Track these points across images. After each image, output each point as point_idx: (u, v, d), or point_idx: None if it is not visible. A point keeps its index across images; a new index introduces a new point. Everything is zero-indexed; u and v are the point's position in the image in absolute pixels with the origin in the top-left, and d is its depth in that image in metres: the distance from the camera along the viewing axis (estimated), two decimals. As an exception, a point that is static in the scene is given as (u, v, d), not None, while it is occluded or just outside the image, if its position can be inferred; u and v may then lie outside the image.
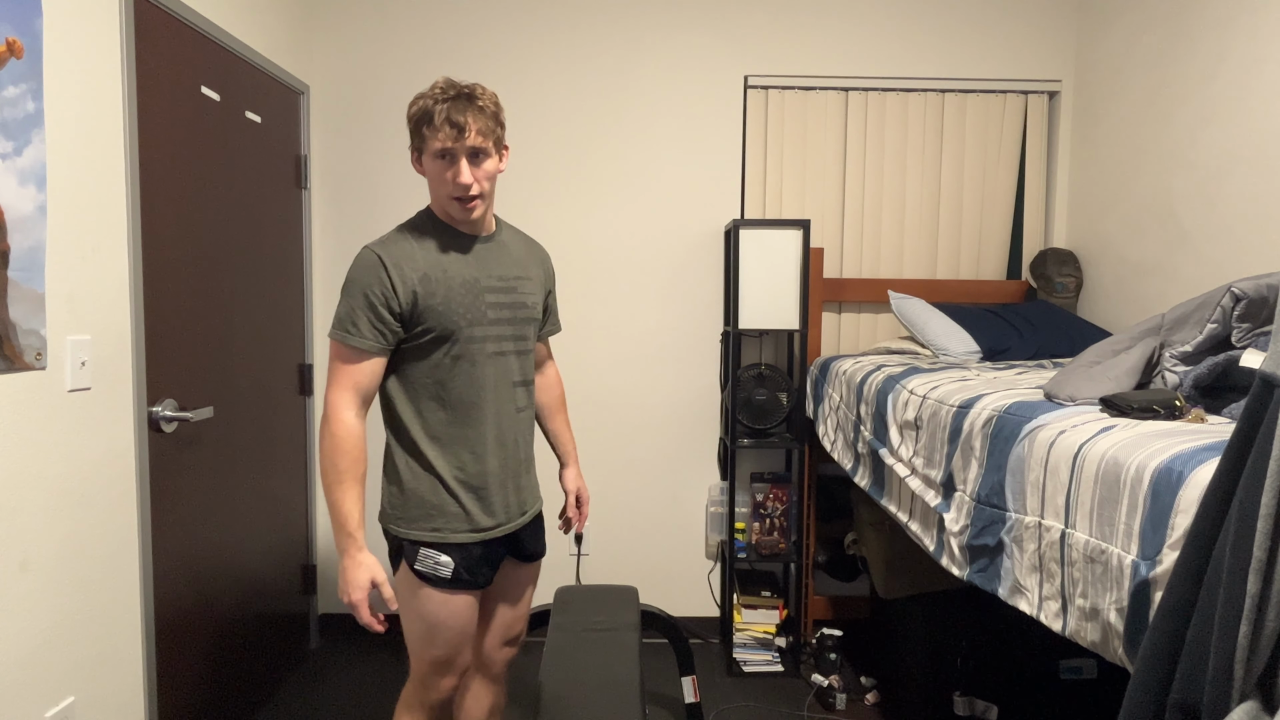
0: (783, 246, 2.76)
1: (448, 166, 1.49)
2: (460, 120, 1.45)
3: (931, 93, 3.10)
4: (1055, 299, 2.97)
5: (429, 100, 1.46)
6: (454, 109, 1.45)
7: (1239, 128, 2.26)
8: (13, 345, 1.53)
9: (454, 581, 1.55)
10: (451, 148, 1.46)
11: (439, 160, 1.49)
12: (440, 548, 1.54)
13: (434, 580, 1.55)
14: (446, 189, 1.50)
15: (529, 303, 1.65)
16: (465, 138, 1.45)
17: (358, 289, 1.47)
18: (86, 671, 1.75)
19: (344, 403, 1.47)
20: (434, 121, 1.45)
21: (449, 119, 1.45)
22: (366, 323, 1.47)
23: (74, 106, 1.70)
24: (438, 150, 1.47)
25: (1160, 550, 1.02)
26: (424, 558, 1.54)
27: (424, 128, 1.47)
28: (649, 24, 3.04)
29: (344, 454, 1.45)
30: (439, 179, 1.50)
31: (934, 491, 1.75)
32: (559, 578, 3.13)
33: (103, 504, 1.80)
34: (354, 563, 1.45)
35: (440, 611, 1.56)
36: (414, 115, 1.49)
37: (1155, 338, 1.56)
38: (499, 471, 1.60)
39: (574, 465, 1.93)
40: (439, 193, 1.53)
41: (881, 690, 2.66)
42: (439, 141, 1.46)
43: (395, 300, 1.47)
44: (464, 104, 1.46)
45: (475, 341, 1.53)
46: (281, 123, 2.73)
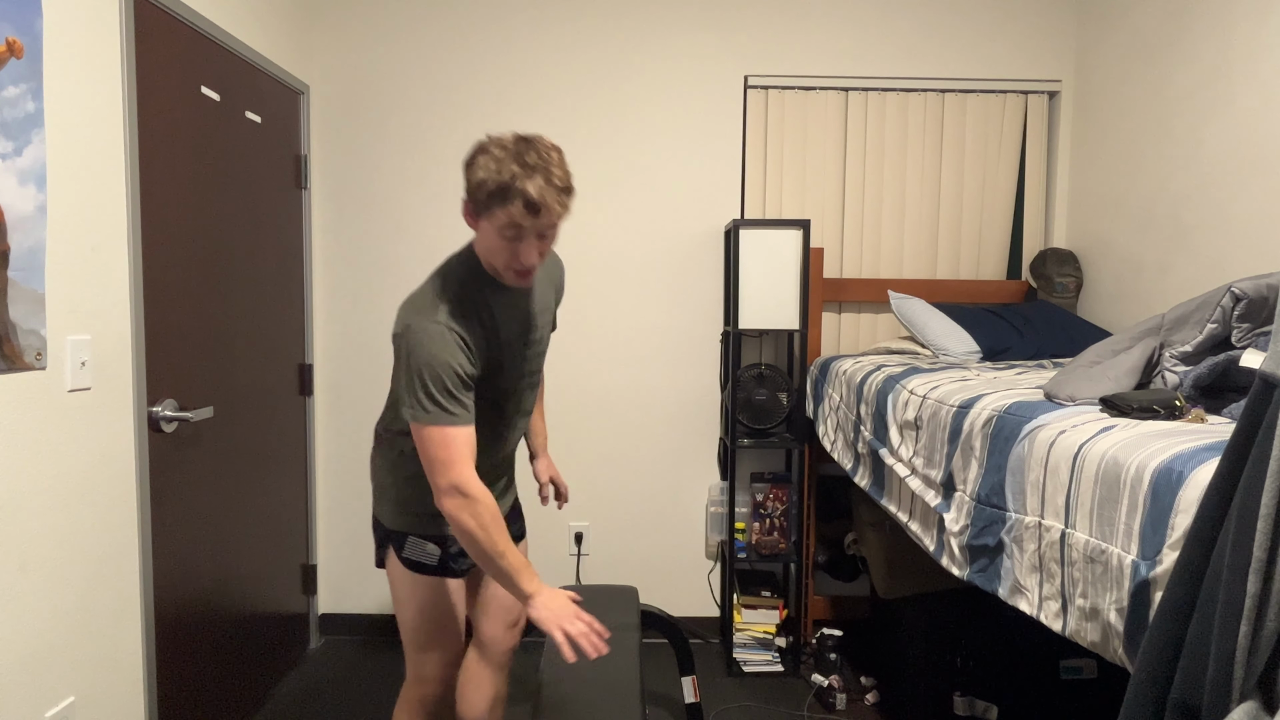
0: (783, 246, 2.76)
1: (513, 242, 1.39)
2: (541, 203, 1.33)
3: (931, 93, 3.10)
4: (1055, 299, 2.97)
5: (505, 174, 1.32)
6: (535, 188, 1.32)
7: (1239, 128, 2.26)
8: (13, 345, 1.53)
9: (440, 568, 1.63)
10: (524, 228, 1.36)
11: (503, 234, 1.38)
12: (426, 538, 1.61)
13: (421, 566, 1.62)
14: (504, 264, 1.42)
15: (546, 335, 1.68)
16: (540, 221, 1.36)
17: (446, 369, 1.39)
18: (86, 671, 1.75)
19: (468, 479, 1.41)
20: (510, 200, 1.33)
21: (528, 201, 1.32)
22: (459, 402, 1.41)
23: (74, 106, 1.70)
24: (506, 227, 1.36)
25: (1160, 550, 1.02)
26: (412, 545, 1.61)
27: (496, 203, 1.34)
28: (649, 24, 3.04)
29: (498, 521, 1.43)
30: (498, 249, 1.41)
31: (934, 491, 1.75)
32: (559, 578, 3.13)
33: (103, 504, 1.80)
34: (550, 594, 1.45)
35: (430, 595, 1.63)
36: (483, 184, 1.34)
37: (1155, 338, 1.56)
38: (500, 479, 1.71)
39: (545, 455, 1.98)
40: (494, 261, 1.44)
41: (881, 690, 2.66)
42: (512, 220, 1.35)
43: (470, 371, 1.44)
44: (544, 182, 1.33)
45: (511, 391, 1.59)
46: (281, 123, 2.73)
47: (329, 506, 3.08)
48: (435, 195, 3.04)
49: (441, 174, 3.04)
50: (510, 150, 1.34)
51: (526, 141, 1.35)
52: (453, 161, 3.04)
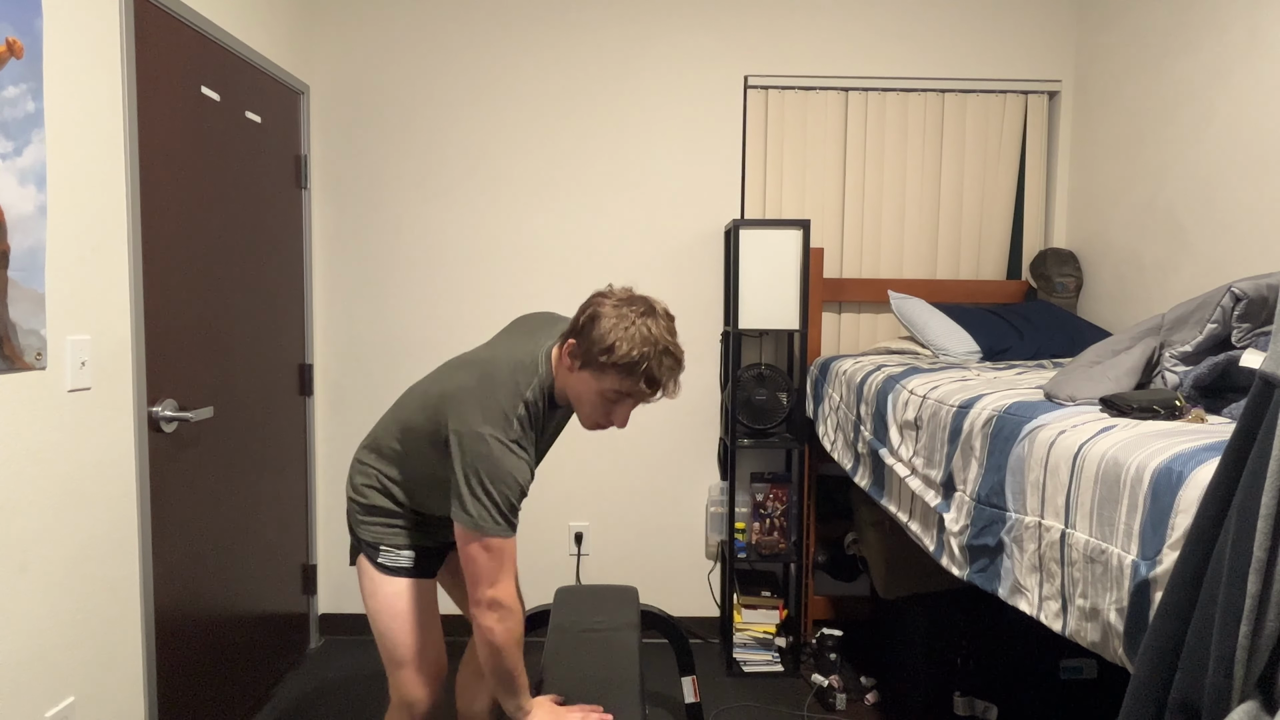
0: (783, 246, 2.76)
1: (614, 403, 1.44)
2: (660, 382, 1.40)
3: (931, 93, 3.10)
4: (1055, 299, 2.97)
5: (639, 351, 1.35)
6: (658, 369, 1.38)
7: (1239, 128, 2.26)
8: (13, 345, 1.53)
9: (415, 570, 1.66)
10: (632, 396, 1.42)
11: (605, 396, 1.42)
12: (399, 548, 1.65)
13: (395, 570, 1.65)
14: (594, 416, 1.47)
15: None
16: (653, 398, 1.43)
17: (516, 490, 1.41)
18: (86, 671, 1.75)
19: (514, 589, 1.48)
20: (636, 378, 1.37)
21: (649, 379, 1.38)
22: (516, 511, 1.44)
23: (74, 106, 1.70)
24: (614, 392, 1.41)
25: (1160, 550, 1.02)
26: (385, 552, 1.65)
27: (617, 371, 1.37)
28: (649, 24, 3.04)
29: (521, 641, 1.50)
30: (592, 403, 1.44)
31: (934, 491, 1.75)
32: (559, 578, 3.13)
33: (103, 504, 1.80)
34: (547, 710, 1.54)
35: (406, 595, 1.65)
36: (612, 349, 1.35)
37: (1155, 338, 1.55)
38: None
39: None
40: (579, 408, 1.48)
41: (881, 690, 2.65)
42: (624, 390, 1.40)
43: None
44: (668, 364, 1.40)
45: None
46: (281, 123, 2.73)
47: (329, 506, 3.08)
48: (435, 195, 3.04)
49: (441, 174, 3.04)
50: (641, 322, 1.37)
51: (653, 312, 1.40)
52: (453, 161, 3.04)
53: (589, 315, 1.40)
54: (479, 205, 3.05)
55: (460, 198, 3.05)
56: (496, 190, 3.05)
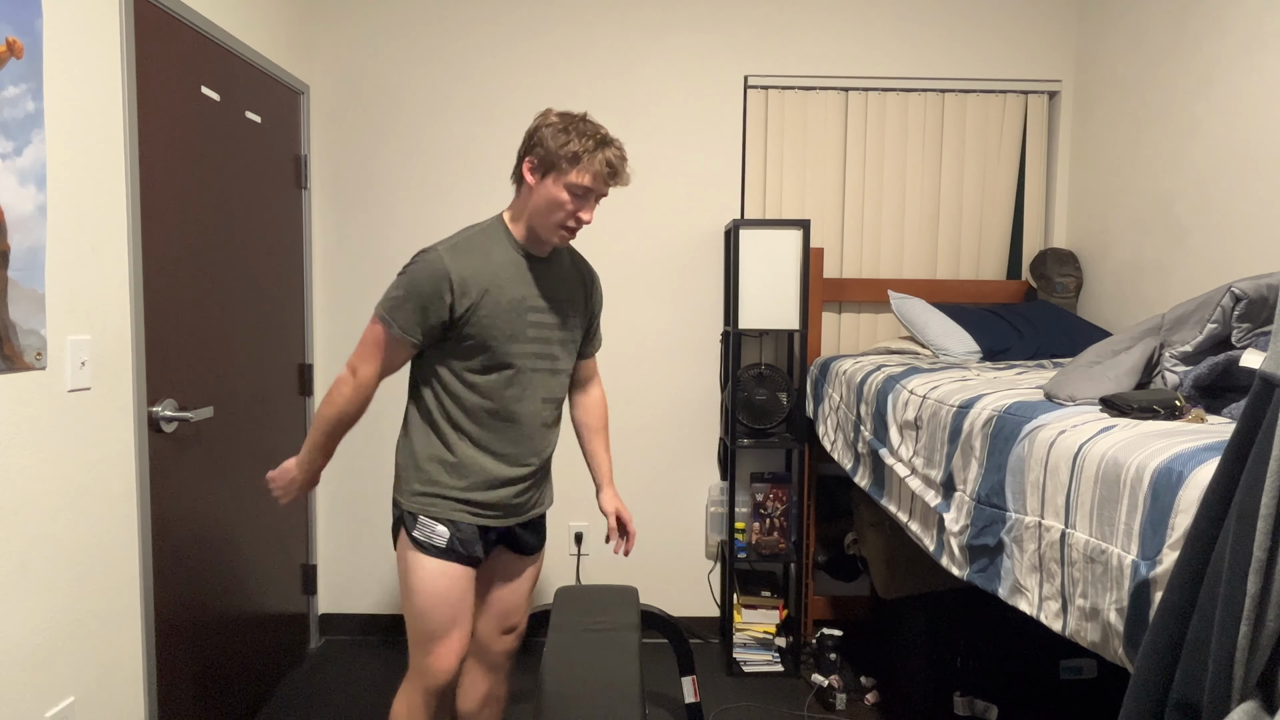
0: (783, 246, 2.76)
1: (576, 202, 1.57)
2: (617, 169, 1.56)
3: (931, 93, 3.10)
4: (1055, 299, 2.97)
5: (590, 141, 1.53)
6: (613, 155, 1.55)
7: (1239, 128, 2.26)
8: (13, 345, 1.53)
9: (448, 551, 1.65)
10: (593, 189, 1.56)
11: (569, 193, 1.55)
12: (437, 519, 1.66)
13: (429, 548, 1.65)
14: (560, 218, 1.58)
15: (569, 324, 1.74)
16: (609, 185, 1.57)
17: (417, 292, 1.55)
18: (86, 671, 1.75)
19: (364, 375, 1.61)
20: (592, 163, 1.53)
21: (609, 163, 1.54)
22: (415, 322, 1.57)
23: (74, 106, 1.70)
24: (578, 186, 1.54)
25: (1160, 550, 1.02)
26: (422, 526, 1.66)
27: (572, 161, 1.53)
28: (649, 24, 3.04)
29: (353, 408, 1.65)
30: (556, 207, 1.57)
31: (934, 491, 1.75)
32: (559, 578, 3.13)
33: (103, 504, 1.80)
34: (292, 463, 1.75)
35: (437, 581, 1.65)
36: (566, 145, 1.52)
37: (1155, 338, 1.55)
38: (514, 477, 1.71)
39: (610, 487, 1.94)
40: (547, 218, 1.59)
41: (881, 690, 2.66)
42: (586, 180, 1.54)
43: (446, 310, 1.56)
44: (617, 153, 1.56)
45: (511, 357, 1.63)
46: (281, 123, 2.73)
47: (329, 506, 3.08)
48: (435, 195, 3.04)
49: (441, 174, 3.04)
50: (587, 123, 1.56)
51: (587, 117, 1.59)
52: (453, 161, 3.04)
53: (539, 130, 1.57)
54: (479, 205, 3.05)
55: (460, 198, 3.05)
56: (496, 190, 3.05)
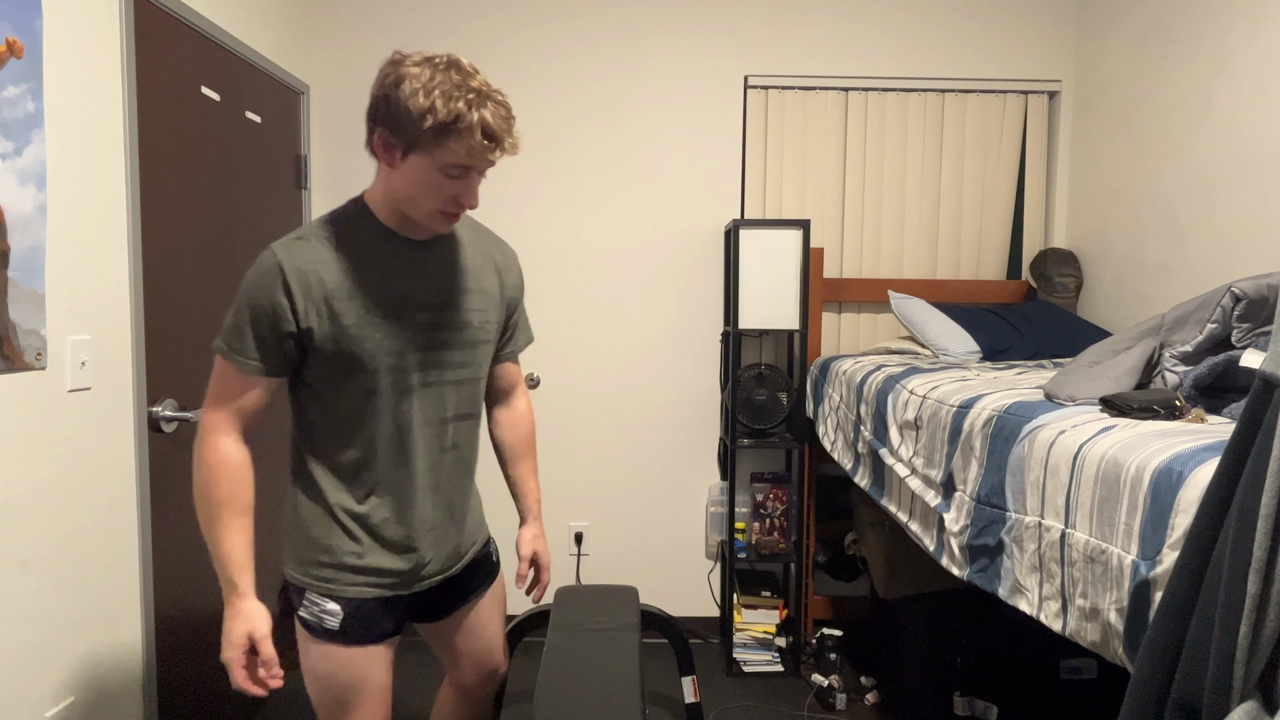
0: (783, 246, 2.76)
1: (453, 182, 1.17)
2: (497, 135, 1.14)
3: (931, 93, 3.10)
4: (1055, 299, 2.97)
5: (457, 103, 1.11)
6: (492, 117, 1.13)
7: (1239, 128, 2.26)
8: (13, 345, 1.53)
9: (342, 634, 1.30)
10: (474, 165, 1.17)
11: (443, 173, 1.16)
12: (327, 595, 1.31)
13: (319, 631, 1.31)
14: (438, 204, 1.20)
15: (476, 322, 1.35)
16: (494, 155, 1.16)
17: (249, 303, 1.19)
18: (86, 671, 1.75)
19: (221, 425, 1.23)
20: (466, 133, 1.12)
21: (485, 131, 1.12)
22: (252, 340, 1.20)
23: (74, 106, 1.70)
24: (452, 164, 1.15)
25: (1160, 550, 1.02)
26: (309, 603, 1.31)
27: (446, 136, 1.12)
28: (649, 24, 3.04)
29: (219, 484, 1.22)
30: (433, 191, 1.18)
31: (934, 491, 1.75)
32: (559, 578, 3.13)
33: (103, 504, 1.80)
34: (232, 612, 1.23)
35: (338, 672, 1.31)
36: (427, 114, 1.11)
37: (1155, 338, 1.55)
38: (427, 521, 1.35)
39: (535, 523, 1.59)
40: (419, 206, 1.21)
41: (881, 690, 2.65)
42: (463, 157, 1.14)
43: (290, 318, 1.18)
44: (498, 113, 1.14)
45: (397, 372, 1.25)
46: (281, 123, 2.73)
47: (329, 506, 3.08)
48: (435, 195, 3.04)
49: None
50: (447, 75, 1.12)
51: (456, 65, 1.14)
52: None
53: (388, 87, 1.14)
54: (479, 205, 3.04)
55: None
56: (495, 191, 3.05)
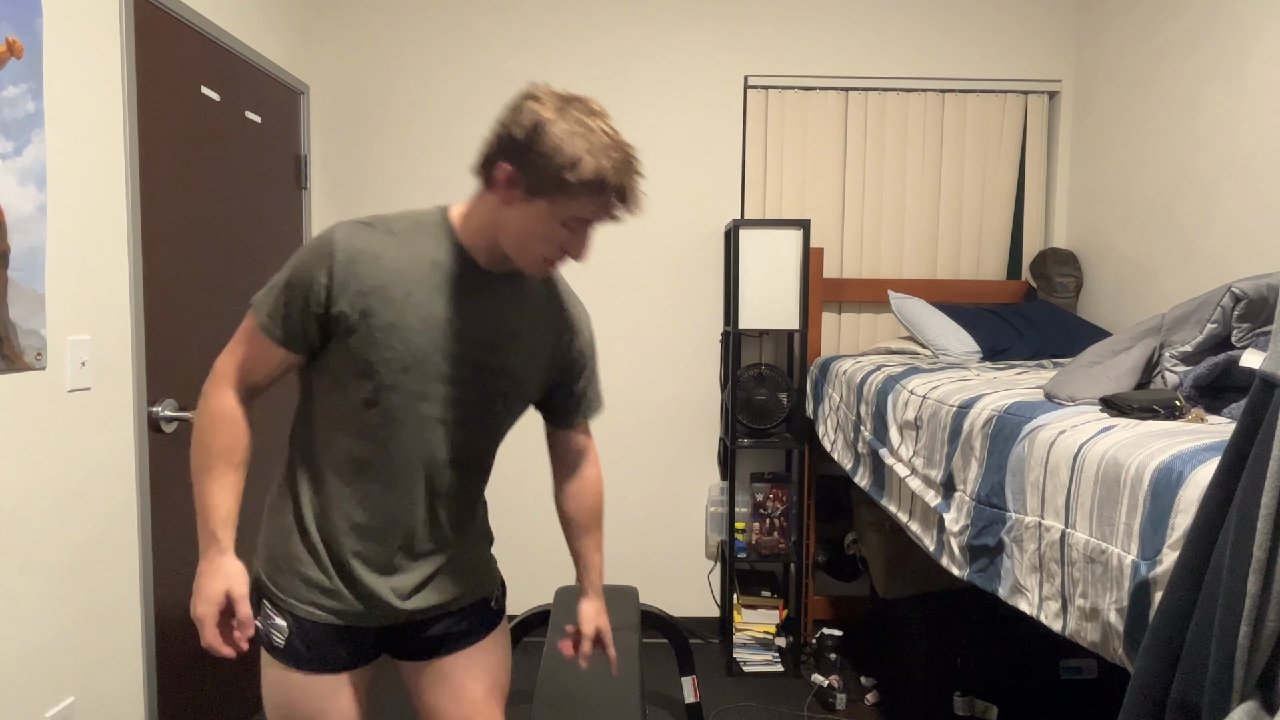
0: (783, 246, 2.76)
1: (569, 233, 1.11)
2: (632, 199, 1.12)
3: (931, 93, 3.10)
4: (1055, 299, 2.97)
5: (605, 161, 1.07)
6: (630, 180, 1.11)
7: (1239, 127, 2.26)
8: (13, 345, 1.53)
9: (288, 653, 1.17)
10: (594, 220, 1.12)
11: (563, 223, 1.10)
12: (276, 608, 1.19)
13: (267, 645, 1.19)
14: (546, 251, 1.12)
15: (517, 374, 1.22)
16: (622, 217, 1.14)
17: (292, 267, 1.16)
18: (86, 671, 1.75)
19: (230, 378, 1.20)
20: (601, 191, 1.08)
21: (621, 193, 1.10)
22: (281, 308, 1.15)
23: (74, 106, 1.70)
24: (578, 219, 1.10)
25: (1160, 550, 1.02)
26: (263, 615, 1.19)
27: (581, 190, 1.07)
28: (649, 24, 3.04)
29: (219, 434, 1.17)
30: (544, 237, 1.11)
31: (934, 491, 1.75)
32: (559, 578, 3.13)
33: (103, 504, 1.80)
34: (210, 568, 1.13)
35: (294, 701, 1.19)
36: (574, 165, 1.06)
37: (1155, 338, 1.55)
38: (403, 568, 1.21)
39: (597, 598, 1.42)
40: (525, 249, 1.13)
41: (881, 690, 2.65)
42: (590, 213, 1.10)
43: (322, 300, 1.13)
44: (636, 175, 1.12)
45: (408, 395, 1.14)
46: (281, 123, 2.73)
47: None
48: (435, 195, 3.04)
49: (441, 173, 3.04)
50: (592, 126, 1.09)
51: (598, 114, 1.11)
52: (452, 161, 3.04)
53: (526, 126, 1.09)
54: (479, 205, 3.05)
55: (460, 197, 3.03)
56: (496, 190, 3.05)
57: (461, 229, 1.20)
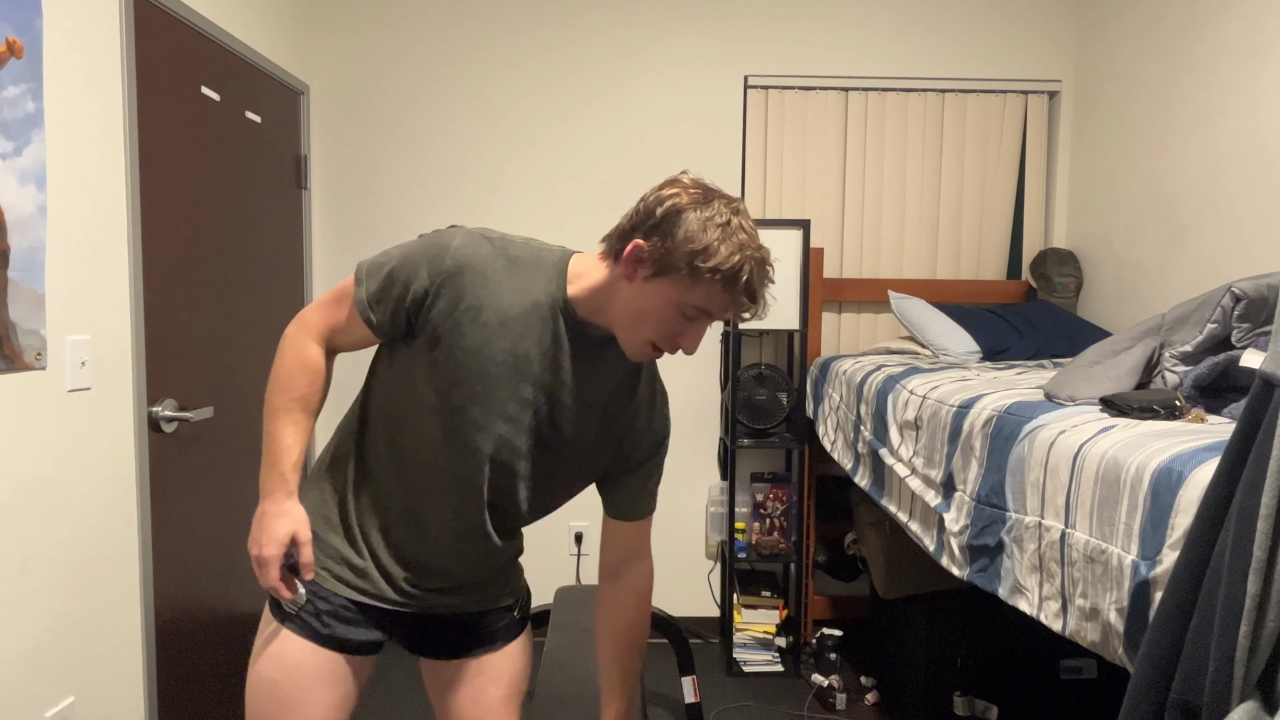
0: (783, 246, 2.76)
1: (684, 321, 1.06)
2: (756, 296, 1.06)
3: (931, 93, 3.10)
4: (1055, 299, 2.97)
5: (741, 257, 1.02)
6: (758, 277, 1.05)
7: (1239, 127, 2.26)
8: (13, 345, 1.53)
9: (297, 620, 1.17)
10: (714, 314, 1.06)
11: (680, 310, 1.04)
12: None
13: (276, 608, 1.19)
14: (656, 335, 1.06)
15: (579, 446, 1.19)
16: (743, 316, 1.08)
17: (404, 254, 1.12)
18: (86, 671, 1.75)
19: (316, 331, 1.20)
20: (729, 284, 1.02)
21: (749, 292, 1.04)
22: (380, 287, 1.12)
23: (74, 106, 1.70)
24: (697, 309, 1.04)
25: (1160, 550, 1.02)
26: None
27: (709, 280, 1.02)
28: (649, 24, 3.04)
29: (298, 381, 1.18)
30: (657, 320, 1.05)
31: (934, 491, 1.75)
32: (559, 578, 3.13)
33: (103, 504, 1.80)
34: (277, 509, 1.14)
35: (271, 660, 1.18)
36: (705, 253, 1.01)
37: (1155, 338, 1.56)
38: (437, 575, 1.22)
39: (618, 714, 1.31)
40: (634, 330, 1.07)
41: (881, 690, 2.65)
42: (712, 305, 1.04)
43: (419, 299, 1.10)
44: (765, 279, 1.07)
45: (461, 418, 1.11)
46: (281, 123, 2.73)
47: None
48: (436, 195, 3.04)
49: (441, 173, 3.04)
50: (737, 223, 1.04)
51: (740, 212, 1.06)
52: (453, 161, 3.04)
53: (668, 206, 1.03)
54: (479, 206, 3.05)
55: (460, 198, 3.05)
56: (497, 191, 3.05)
57: (574, 285, 1.13)
